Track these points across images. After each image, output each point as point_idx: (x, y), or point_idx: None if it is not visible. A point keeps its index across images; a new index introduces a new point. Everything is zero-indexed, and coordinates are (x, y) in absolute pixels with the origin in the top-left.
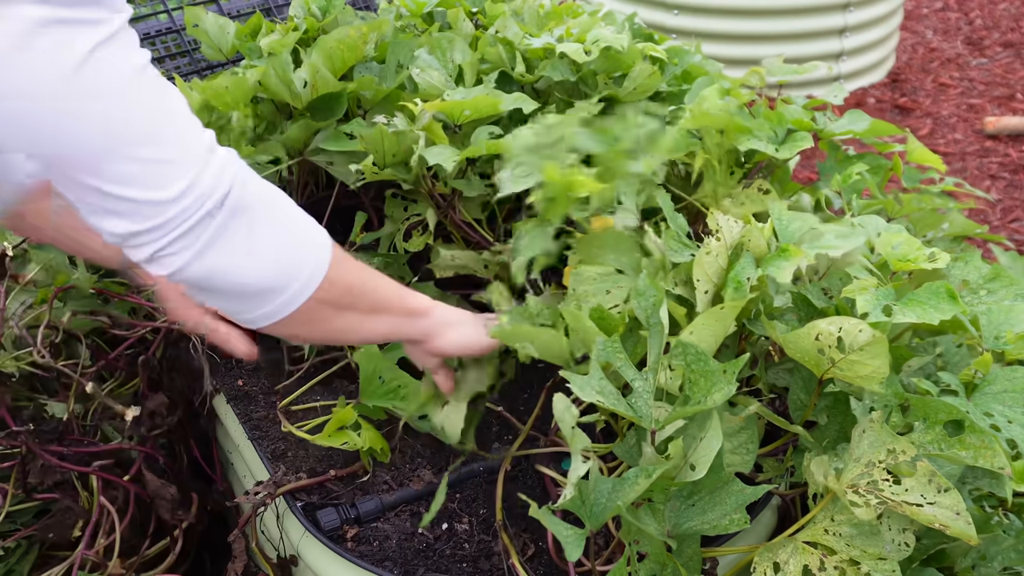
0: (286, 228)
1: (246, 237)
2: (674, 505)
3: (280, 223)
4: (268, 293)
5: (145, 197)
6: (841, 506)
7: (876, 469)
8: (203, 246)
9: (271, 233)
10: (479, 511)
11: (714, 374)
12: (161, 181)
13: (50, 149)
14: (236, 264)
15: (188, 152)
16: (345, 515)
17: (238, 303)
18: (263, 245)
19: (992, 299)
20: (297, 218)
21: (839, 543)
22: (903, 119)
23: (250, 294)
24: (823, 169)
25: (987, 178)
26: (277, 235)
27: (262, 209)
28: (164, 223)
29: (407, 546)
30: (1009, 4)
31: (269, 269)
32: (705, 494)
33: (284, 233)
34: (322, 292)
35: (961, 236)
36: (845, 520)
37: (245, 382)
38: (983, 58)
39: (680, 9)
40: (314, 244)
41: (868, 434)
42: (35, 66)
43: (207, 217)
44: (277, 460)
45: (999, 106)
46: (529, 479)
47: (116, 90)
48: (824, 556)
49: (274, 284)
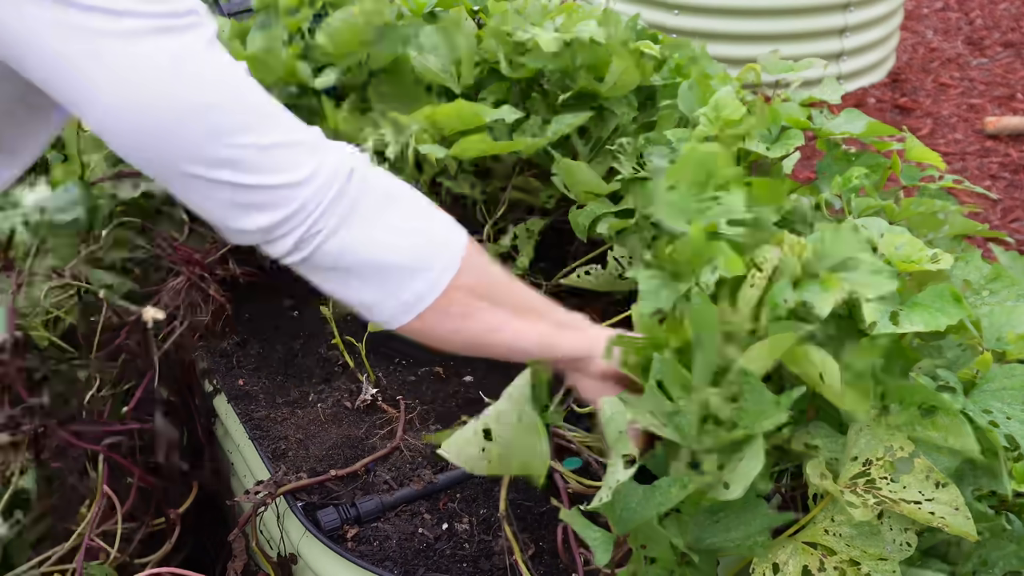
0: (418, 206)
1: (379, 212)
2: (699, 519)
3: (409, 200)
4: (406, 273)
5: (280, 181)
6: (841, 506)
7: (874, 467)
8: (338, 221)
9: (403, 208)
10: (479, 511)
11: (766, 403)
12: (291, 163)
13: (189, 151)
14: (372, 238)
15: (308, 133)
16: (345, 514)
17: (376, 287)
18: (397, 219)
19: (994, 300)
20: (423, 200)
21: (839, 543)
22: (903, 119)
23: (387, 273)
24: (821, 168)
25: (987, 178)
26: (409, 211)
27: (390, 187)
28: (303, 205)
29: (407, 546)
30: (1010, 4)
31: (405, 245)
32: (731, 512)
33: (416, 210)
34: (463, 276)
35: (961, 235)
36: (845, 520)
37: (246, 382)
38: (983, 58)
39: (680, 9)
40: (447, 226)
41: (865, 432)
42: (171, 69)
43: (340, 194)
44: (278, 460)
45: (999, 106)
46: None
47: (231, 82)
48: (824, 556)
49: (411, 262)
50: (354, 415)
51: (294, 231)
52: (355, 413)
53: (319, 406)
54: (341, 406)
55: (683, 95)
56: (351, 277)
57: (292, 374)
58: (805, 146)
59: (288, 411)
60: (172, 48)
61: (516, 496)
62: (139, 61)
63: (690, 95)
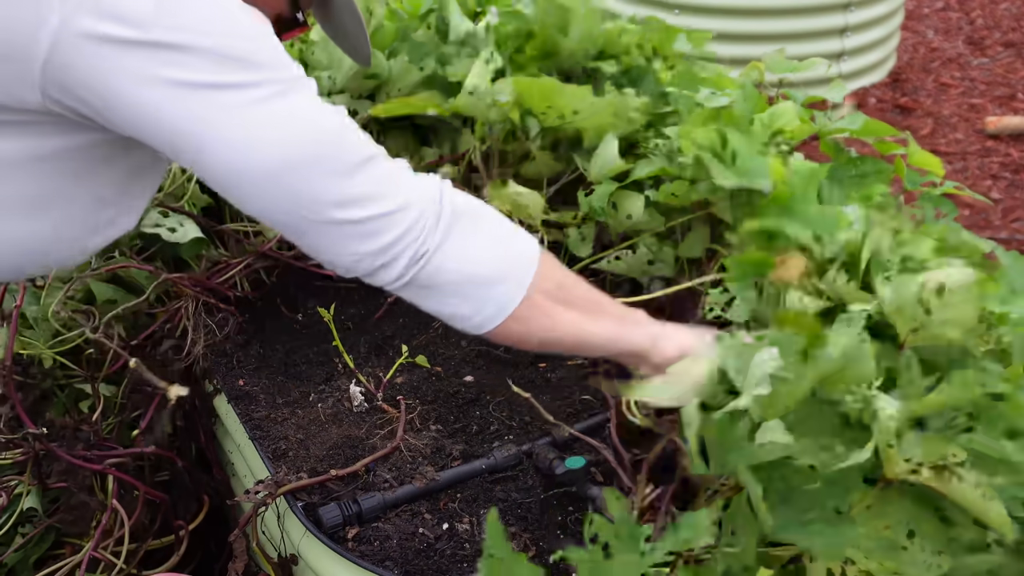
0: (498, 222)
1: (468, 230)
2: (785, 512)
3: (491, 217)
4: (493, 283)
5: (390, 208)
6: (862, 520)
7: (925, 468)
8: (440, 239)
9: (486, 225)
10: (480, 511)
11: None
12: (395, 191)
13: (311, 196)
14: (466, 255)
15: (399, 162)
16: (347, 511)
17: (468, 300)
18: (483, 236)
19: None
20: (501, 217)
21: (857, 555)
22: (904, 119)
23: (477, 284)
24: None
25: (988, 178)
26: (492, 227)
27: (474, 206)
28: (409, 227)
29: (408, 546)
30: (1010, 4)
31: (491, 259)
32: (819, 516)
33: (497, 226)
34: (539, 282)
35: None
36: (866, 534)
37: (246, 382)
38: (984, 58)
39: (681, 9)
40: (523, 239)
41: (917, 437)
42: (268, 127)
43: (438, 215)
44: (278, 460)
45: (1000, 106)
46: (529, 478)
47: (338, 128)
48: (844, 564)
49: (497, 274)
50: (354, 415)
51: (405, 252)
52: (355, 413)
53: (319, 406)
54: (341, 406)
55: (739, 103)
56: (447, 294)
57: (292, 374)
58: (805, 145)
59: (288, 411)
60: (289, 106)
61: (517, 496)
62: (263, 122)
63: (746, 105)
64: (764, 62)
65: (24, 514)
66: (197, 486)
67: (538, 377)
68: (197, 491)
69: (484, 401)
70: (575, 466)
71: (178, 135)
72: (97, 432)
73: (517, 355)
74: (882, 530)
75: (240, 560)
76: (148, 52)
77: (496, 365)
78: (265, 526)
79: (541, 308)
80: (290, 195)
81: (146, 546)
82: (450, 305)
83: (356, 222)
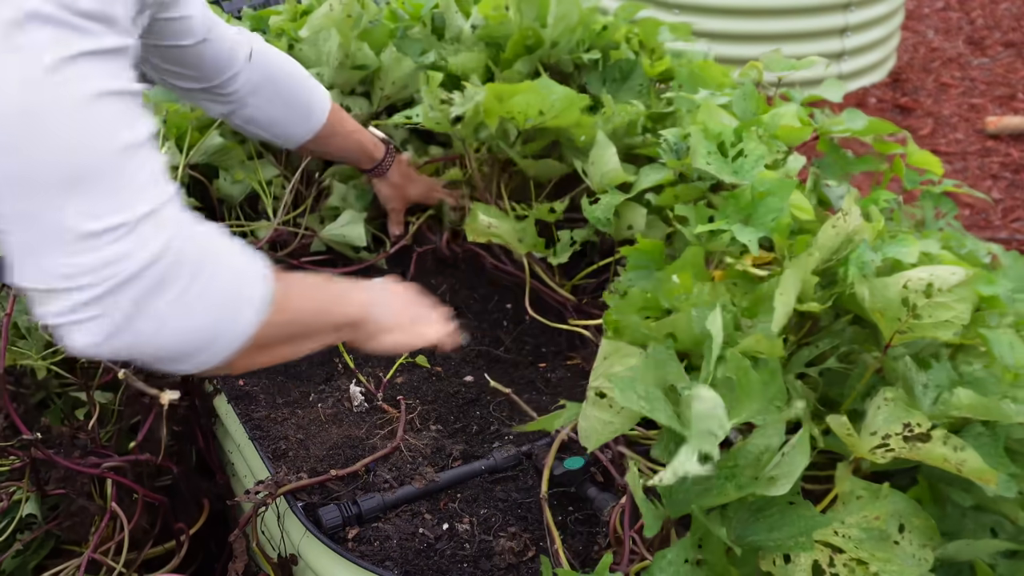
0: (224, 265)
1: (187, 287)
2: (742, 516)
3: (214, 265)
4: (210, 338)
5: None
6: (850, 510)
7: (893, 439)
8: (127, 315)
9: (209, 276)
10: (479, 511)
11: (754, 386)
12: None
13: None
14: (166, 329)
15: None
16: (347, 512)
17: (181, 359)
18: (202, 291)
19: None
20: (233, 264)
21: (847, 544)
22: (904, 119)
23: (173, 359)
24: (818, 166)
25: (988, 178)
26: (214, 278)
27: (202, 254)
28: (86, 272)
29: (408, 546)
30: (1011, 4)
31: (209, 319)
32: (776, 512)
33: (222, 271)
34: (259, 335)
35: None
36: (854, 523)
37: (246, 382)
38: (984, 58)
39: (680, 9)
40: (251, 284)
41: (883, 410)
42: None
43: (126, 284)
44: (278, 460)
45: (1000, 106)
46: (529, 478)
47: (74, 107)
48: (833, 554)
49: (201, 342)
50: (354, 415)
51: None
52: (355, 413)
53: (319, 406)
54: (341, 406)
55: (737, 101)
56: (150, 356)
57: (292, 374)
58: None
59: (288, 411)
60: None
61: (518, 496)
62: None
63: (745, 103)
64: (762, 61)
65: (23, 520)
66: (196, 492)
67: (538, 377)
68: (196, 496)
69: (484, 401)
70: (574, 466)
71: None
72: (95, 439)
73: (517, 355)
74: (872, 520)
75: (240, 560)
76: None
77: (496, 366)
78: (265, 526)
79: (249, 357)
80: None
81: (146, 551)
82: (160, 363)
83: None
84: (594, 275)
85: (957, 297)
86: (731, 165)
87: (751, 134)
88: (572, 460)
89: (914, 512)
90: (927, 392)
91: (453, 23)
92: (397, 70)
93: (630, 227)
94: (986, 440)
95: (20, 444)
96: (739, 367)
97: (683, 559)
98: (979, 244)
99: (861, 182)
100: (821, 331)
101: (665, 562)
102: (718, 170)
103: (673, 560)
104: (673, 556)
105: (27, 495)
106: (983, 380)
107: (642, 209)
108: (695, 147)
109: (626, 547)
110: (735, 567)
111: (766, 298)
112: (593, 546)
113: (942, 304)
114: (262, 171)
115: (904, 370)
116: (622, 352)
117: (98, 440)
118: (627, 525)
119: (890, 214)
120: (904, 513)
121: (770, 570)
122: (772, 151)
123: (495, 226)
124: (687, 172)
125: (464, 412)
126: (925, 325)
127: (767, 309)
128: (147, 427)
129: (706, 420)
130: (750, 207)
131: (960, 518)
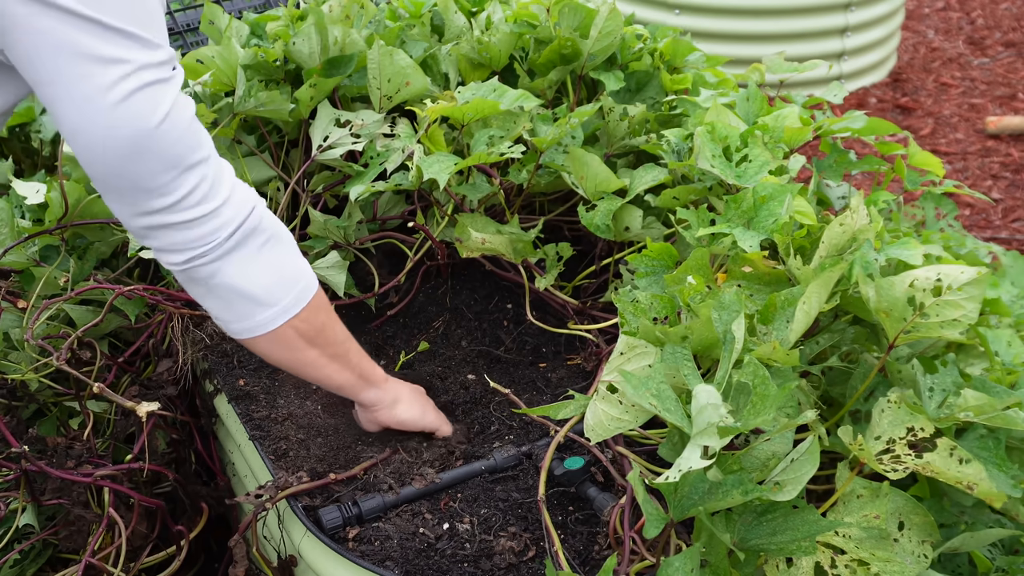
0: (290, 255)
1: (255, 253)
2: (746, 518)
3: (284, 249)
4: (257, 305)
5: (202, 213)
6: (851, 509)
7: (898, 444)
8: (226, 251)
9: (276, 253)
10: (480, 511)
11: (771, 394)
12: (212, 198)
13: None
14: (243, 272)
15: (223, 168)
16: (347, 512)
17: (231, 308)
18: (268, 261)
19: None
20: (295, 255)
21: (848, 544)
22: (904, 119)
23: (244, 301)
24: (819, 166)
25: (989, 178)
26: (280, 257)
27: (276, 232)
28: (208, 233)
29: (408, 546)
30: (1011, 4)
31: (264, 285)
32: (779, 515)
33: (286, 258)
34: (299, 322)
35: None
36: (855, 523)
37: (247, 382)
38: (985, 58)
39: (681, 9)
40: (303, 279)
41: (887, 413)
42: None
43: (234, 230)
44: (279, 460)
45: (1001, 106)
46: (529, 478)
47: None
48: (835, 555)
49: (265, 299)
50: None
51: (192, 249)
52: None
53: (320, 406)
54: (342, 406)
55: (741, 103)
56: (215, 296)
57: (292, 374)
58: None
59: (289, 411)
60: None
61: (518, 496)
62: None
63: (748, 105)
64: (764, 63)
65: (20, 531)
66: (195, 497)
67: (538, 377)
68: (195, 502)
69: (484, 401)
70: (574, 466)
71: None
72: (91, 448)
73: (517, 355)
74: (872, 519)
75: (240, 565)
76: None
77: (496, 366)
78: (266, 527)
79: (288, 341)
80: (125, 172)
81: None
82: (214, 306)
83: (171, 214)
84: (594, 275)
85: (967, 296)
86: (735, 169)
87: (756, 140)
88: (572, 460)
89: (914, 509)
90: (933, 395)
91: (453, 23)
92: (390, 66)
93: (627, 228)
94: (989, 441)
95: (9, 456)
96: (757, 375)
97: (690, 568)
98: (979, 244)
99: (861, 182)
100: (821, 330)
101: (672, 569)
102: (722, 172)
103: (680, 567)
104: (680, 563)
105: (23, 505)
106: (984, 383)
107: (638, 211)
108: (700, 147)
109: (626, 547)
110: (737, 570)
111: (782, 304)
112: (593, 546)
113: (951, 303)
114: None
115: (911, 373)
116: (639, 350)
117: (94, 449)
118: (627, 525)
119: (888, 215)
120: (904, 510)
121: (773, 574)
122: (777, 156)
123: (488, 241)
124: (689, 173)
125: (464, 412)
126: (931, 324)
127: (782, 316)
128: (144, 437)
129: (705, 413)
130: (752, 211)
131: (960, 515)
